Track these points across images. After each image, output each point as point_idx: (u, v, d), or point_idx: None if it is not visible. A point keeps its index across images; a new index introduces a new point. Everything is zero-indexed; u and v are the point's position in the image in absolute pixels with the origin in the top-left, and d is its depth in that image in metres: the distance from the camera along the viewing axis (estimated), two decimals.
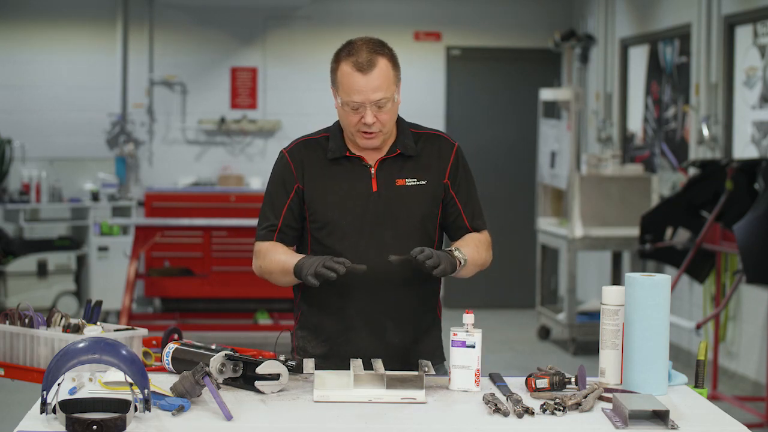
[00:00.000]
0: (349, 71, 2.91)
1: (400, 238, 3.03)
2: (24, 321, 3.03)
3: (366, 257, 2.99)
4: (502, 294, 10.03)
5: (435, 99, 10.05)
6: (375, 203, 3.03)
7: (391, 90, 2.94)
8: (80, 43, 9.87)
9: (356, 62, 2.91)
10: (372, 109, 2.92)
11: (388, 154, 3.05)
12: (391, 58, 2.96)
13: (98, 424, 2.33)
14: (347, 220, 3.02)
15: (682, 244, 6.83)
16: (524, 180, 10.10)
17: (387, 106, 2.94)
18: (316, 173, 3.05)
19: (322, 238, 3.04)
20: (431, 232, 3.09)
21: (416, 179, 3.05)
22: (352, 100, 2.92)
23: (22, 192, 9.43)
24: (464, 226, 3.12)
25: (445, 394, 2.74)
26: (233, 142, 10.03)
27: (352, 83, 2.91)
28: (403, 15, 10.04)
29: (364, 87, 2.90)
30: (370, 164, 3.04)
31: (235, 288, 8.68)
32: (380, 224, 3.02)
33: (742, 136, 7.23)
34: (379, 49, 2.95)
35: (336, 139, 3.06)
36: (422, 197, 3.05)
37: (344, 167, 3.05)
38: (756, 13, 7.04)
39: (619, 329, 2.80)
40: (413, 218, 3.04)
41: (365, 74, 2.90)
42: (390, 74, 2.94)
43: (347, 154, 3.04)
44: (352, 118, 2.95)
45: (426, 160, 3.07)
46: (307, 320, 3.10)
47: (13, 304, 8.81)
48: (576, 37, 9.62)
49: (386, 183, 3.04)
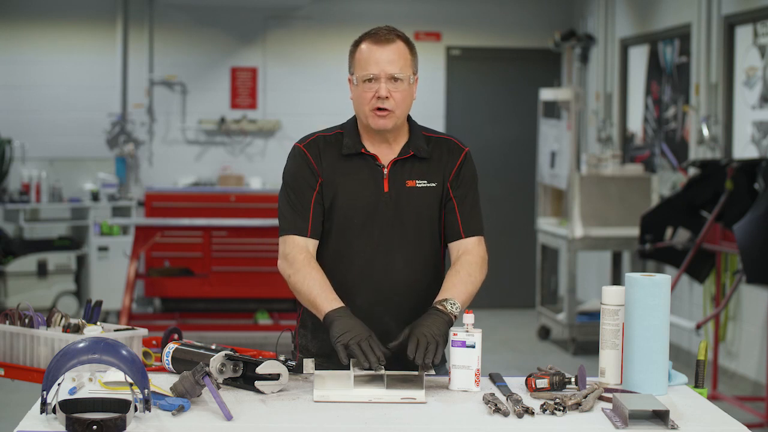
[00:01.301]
0: (368, 47, 2.99)
1: (408, 239, 3.03)
2: (24, 321, 3.03)
3: (373, 258, 3.01)
4: (502, 294, 10.03)
5: (435, 99, 10.05)
6: (386, 204, 3.03)
7: (407, 71, 2.98)
8: (80, 43, 9.87)
9: (375, 37, 2.99)
10: (387, 84, 2.95)
11: (401, 155, 3.05)
12: (408, 43, 3.03)
13: (98, 424, 2.33)
14: (358, 220, 3.02)
15: (682, 244, 6.83)
16: (524, 180, 10.10)
17: (402, 86, 2.97)
18: (332, 169, 3.04)
19: (333, 236, 3.03)
20: (437, 236, 3.09)
21: (426, 181, 3.06)
22: (367, 72, 2.96)
23: (22, 192, 9.43)
24: (457, 230, 3.08)
25: (445, 394, 2.74)
26: (233, 142, 10.03)
27: (370, 56, 2.97)
28: (403, 15, 10.04)
29: (380, 58, 2.96)
30: (384, 164, 3.05)
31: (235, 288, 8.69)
32: (389, 225, 3.03)
33: (742, 136, 7.23)
34: (399, 32, 3.03)
35: (351, 136, 3.06)
36: (431, 200, 3.06)
37: (358, 165, 3.04)
38: (756, 13, 7.04)
39: (619, 329, 2.80)
40: (421, 221, 3.05)
41: (382, 46, 2.97)
42: (407, 55, 3.00)
43: (362, 151, 3.04)
44: (366, 94, 2.97)
45: (436, 163, 3.08)
46: (309, 319, 3.10)
47: (13, 304, 8.81)
48: (576, 37, 9.62)
49: (397, 184, 3.04)
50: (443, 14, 10.14)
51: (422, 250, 3.06)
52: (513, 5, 10.20)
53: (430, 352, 2.76)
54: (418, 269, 3.05)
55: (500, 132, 10.20)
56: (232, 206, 9.48)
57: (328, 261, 3.03)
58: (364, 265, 3.01)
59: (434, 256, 3.10)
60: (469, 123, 10.14)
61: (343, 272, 3.01)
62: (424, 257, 3.07)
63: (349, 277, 3.00)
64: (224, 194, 9.64)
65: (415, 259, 3.05)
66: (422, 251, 3.06)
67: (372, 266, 3.01)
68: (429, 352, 2.76)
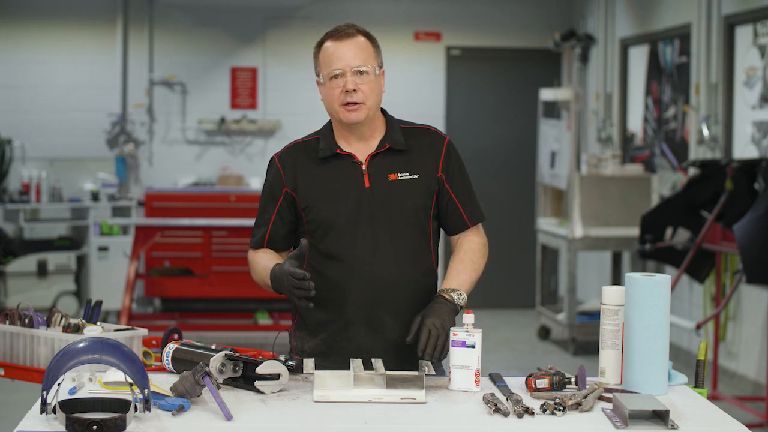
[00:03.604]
0: (330, 44, 3.03)
1: (395, 232, 3.04)
2: (24, 321, 3.03)
3: (362, 254, 3.01)
4: (502, 294, 10.03)
5: (435, 99, 10.05)
6: (368, 199, 3.03)
7: (371, 62, 3.01)
8: (80, 43, 9.87)
9: (336, 34, 3.04)
10: (353, 77, 2.98)
11: (377, 149, 3.07)
12: (369, 37, 3.06)
13: (98, 424, 2.33)
14: (342, 218, 3.03)
15: (682, 244, 6.83)
16: (524, 180, 10.10)
17: (368, 78, 3.00)
18: (308, 175, 3.07)
19: (319, 238, 3.05)
20: (425, 226, 3.10)
21: (408, 173, 3.07)
22: (332, 69, 3.00)
23: (22, 192, 9.43)
24: (463, 221, 3.13)
25: (445, 394, 2.74)
26: (233, 142, 10.03)
27: (333, 53, 3.01)
28: (403, 15, 10.04)
29: (343, 54, 3.00)
30: (361, 161, 3.06)
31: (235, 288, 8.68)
32: (375, 220, 3.03)
33: (742, 136, 7.23)
34: (360, 28, 3.07)
35: (326, 139, 3.09)
36: (415, 191, 3.06)
37: (335, 166, 3.06)
38: (756, 13, 7.04)
39: (619, 329, 2.80)
40: (407, 212, 3.06)
41: (343, 41, 3.01)
42: (369, 48, 3.03)
43: (338, 152, 3.06)
44: (334, 91, 3.01)
45: (417, 155, 3.09)
46: (305, 319, 3.10)
47: (13, 304, 8.81)
48: (576, 37, 9.62)
49: (378, 179, 3.05)
50: (443, 14, 10.14)
51: (411, 242, 3.07)
52: (513, 5, 10.20)
53: (439, 347, 2.85)
54: (409, 262, 3.06)
55: (500, 132, 10.20)
56: (232, 206, 9.48)
57: (318, 262, 3.05)
58: (354, 263, 3.02)
59: (425, 248, 3.10)
60: (469, 123, 10.14)
61: (333, 272, 3.03)
62: (414, 249, 3.07)
63: (340, 275, 3.01)
64: (224, 194, 9.64)
65: (405, 251, 3.05)
66: (411, 244, 3.07)
67: (362, 262, 3.02)
68: (438, 348, 2.85)
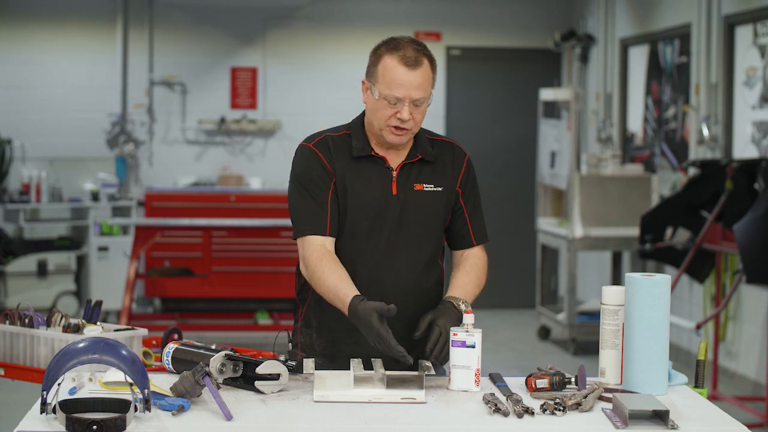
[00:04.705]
0: (395, 65, 2.92)
1: (414, 241, 3.05)
2: (24, 321, 3.03)
3: (380, 260, 3.02)
4: (502, 294, 10.03)
5: (435, 99, 9.93)
6: (394, 207, 3.03)
7: (429, 91, 2.96)
8: (80, 43, 9.87)
9: (404, 57, 2.91)
10: (409, 106, 2.93)
11: (409, 158, 3.06)
12: (432, 60, 2.98)
13: (98, 424, 2.33)
14: (367, 222, 3.02)
15: (682, 244, 6.82)
16: (524, 180, 10.10)
17: (423, 106, 2.96)
18: (343, 171, 3.03)
19: (341, 238, 3.03)
20: (440, 239, 3.13)
21: (433, 185, 3.07)
22: (392, 95, 2.92)
23: (22, 192, 9.43)
24: (469, 239, 3.14)
25: (445, 394, 2.74)
26: (233, 142, 10.03)
27: (396, 77, 2.91)
28: (403, 15, 10.04)
29: (408, 82, 2.91)
30: (393, 167, 3.05)
31: (235, 288, 8.69)
32: (396, 228, 3.03)
33: (742, 136, 7.23)
34: (424, 50, 2.97)
35: (359, 138, 3.05)
36: (438, 203, 3.07)
37: (368, 167, 3.04)
38: (756, 13, 7.04)
39: (619, 329, 2.80)
40: (428, 223, 3.07)
41: (411, 70, 2.91)
42: (430, 76, 2.96)
43: (372, 154, 3.04)
44: (386, 111, 2.94)
45: (441, 168, 3.09)
46: (313, 318, 3.10)
47: (13, 304, 8.80)
48: (576, 37, 9.62)
49: (406, 187, 3.05)
50: (443, 14, 10.14)
51: (426, 252, 3.08)
52: (513, 5, 10.20)
53: (445, 351, 2.85)
54: (423, 271, 3.07)
55: (500, 132, 10.20)
56: (232, 206, 9.48)
57: None
58: (372, 268, 3.02)
59: (436, 257, 3.13)
60: (469, 123, 10.14)
61: (350, 275, 2.99)
62: (428, 259, 3.09)
63: (356, 279, 2.97)
64: (224, 194, 9.63)
65: (420, 260, 3.07)
66: (427, 254, 3.08)
67: (379, 268, 3.02)
68: (444, 351, 2.85)
